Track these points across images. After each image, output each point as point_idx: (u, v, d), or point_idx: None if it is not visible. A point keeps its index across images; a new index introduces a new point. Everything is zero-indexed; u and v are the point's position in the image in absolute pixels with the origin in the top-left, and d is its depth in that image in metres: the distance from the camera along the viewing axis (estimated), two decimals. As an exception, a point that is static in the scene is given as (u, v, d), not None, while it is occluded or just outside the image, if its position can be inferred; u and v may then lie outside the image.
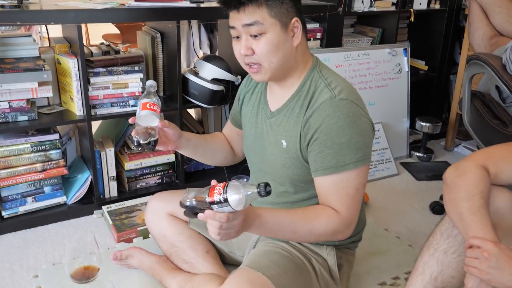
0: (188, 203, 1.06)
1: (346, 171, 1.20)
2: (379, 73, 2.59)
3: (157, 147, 1.30)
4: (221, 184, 1.01)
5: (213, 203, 1.00)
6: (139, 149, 1.25)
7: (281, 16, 1.19)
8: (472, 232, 1.07)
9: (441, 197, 2.23)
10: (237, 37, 1.24)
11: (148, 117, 1.24)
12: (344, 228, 1.22)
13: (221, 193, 0.99)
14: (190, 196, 1.06)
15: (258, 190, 0.97)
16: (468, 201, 1.10)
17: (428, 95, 3.00)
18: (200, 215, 1.05)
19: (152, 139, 1.24)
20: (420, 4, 2.70)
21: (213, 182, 1.05)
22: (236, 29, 1.22)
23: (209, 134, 1.58)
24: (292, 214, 1.21)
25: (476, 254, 1.04)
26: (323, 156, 1.21)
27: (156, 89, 1.29)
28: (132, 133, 1.24)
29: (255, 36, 1.19)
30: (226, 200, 0.98)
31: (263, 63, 1.22)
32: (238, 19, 1.20)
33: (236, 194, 0.98)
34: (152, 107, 1.24)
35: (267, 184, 0.98)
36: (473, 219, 1.08)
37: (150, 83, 1.29)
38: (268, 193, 0.97)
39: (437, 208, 2.16)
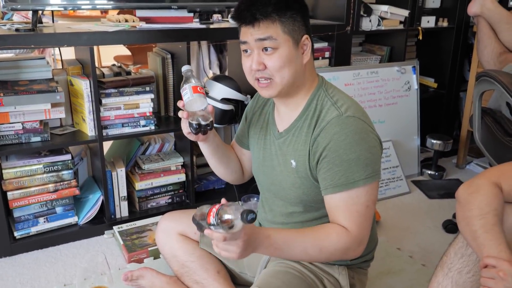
0: (196, 220, 1.13)
1: (355, 188, 1.19)
2: (388, 91, 2.59)
3: (187, 134, 1.32)
4: (217, 206, 1.07)
5: (210, 224, 1.07)
6: (196, 132, 1.28)
7: (293, 33, 1.22)
8: (487, 251, 1.05)
9: (454, 215, 2.20)
10: (247, 51, 1.25)
11: (201, 100, 1.27)
12: (356, 246, 1.21)
13: (214, 216, 1.05)
14: (198, 213, 1.13)
15: (240, 217, 1.01)
16: (481, 219, 1.09)
17: (438, 113, 2.99)
18: (205, 232, 1.10)
19: (211, 119, 1.28)
20: (428, 22, 2.72)
21: (223, 200, 1.07)
22: (248, 44, 1.23)
23: (227, 144, 1.58)
24: (301, 234, 1.20)
25: (492, 274, 1.02)
26: (332, 173, 1.20)
27: (193, 72, 1.32)
28: (185, 117, 1.27)
29: (266, 50, 1.21)
30: (218, 224, 1.04)
31: (275, 78, 1.23)
32: (251, 33, 1.21)
33: (225, 217, 1.04)
34: (202, 90, 1.28)
35: (249, 212, 1.01)
36: (487, 237, 1.07)
37: (187, 67, 1.32)
38: (250, 221, 1.01)
39: (450, 226, 2.13)
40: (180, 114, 1.29)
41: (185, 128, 1.31)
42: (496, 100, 1.91)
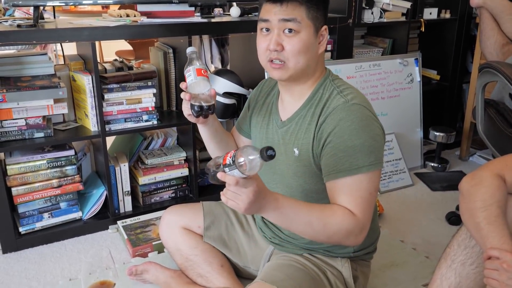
0: (210, 169, 1.10)
1: (359, 174, 1.19)
2: (390, 83, 2.59)
3: (188, 116, 1.33)
4: (234, 149, 1.04)
5: (225, 165, 1.04)
6: (197, 115, 1.28)
7: (316, 20, 1.23)
8: (490, 242, 1.06)
9: (457, 208, 2.20)
10: (265, 30, 1.25)
11: (205, 83, 1.27)
12: (358, 231, 1.20)
13: (231, 156, 1.02)
14: (212, 163, 1.11)
15: (260, 155, 0.99)
16: (484, 210, 1.09)
17: (441, 105, 2.98)
18: (217, 174, 1.06)
19: (212, 102, 1.28)
20: (430, 14, 2.70)
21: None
22: (270, 22, 1.22)
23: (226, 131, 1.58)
24: (308, 206, 1.19)
25: (495, 266, 1.02)
26: (336, 159, 1.20)
27: (197, 54, 1.31)
28: (187, 99, 1.27)
29: (289, 31, 1.21)
30: (233, 163, 1.01)
31: (289, 62, 1.23)
32: (275, 13, 1.21)
33: (241, 157, 1.01)
34: (206, 73, 1.28)
35: (268, 148, 0.98)
36: (490, 229, 1.07)
37: (192, 49, 1.31)
38: (270, 157, 0.98)
39: (454, 218, 2.13)
40: (182, 95, 1.29)
41: (186, 110, 1.32)
42: (499, 91, 1.90)
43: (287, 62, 1.23)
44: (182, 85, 1.30)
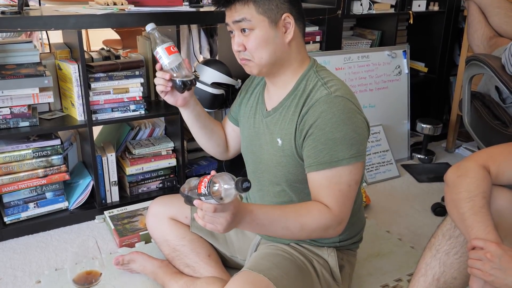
0: (185, 193, 1.12)
1: (339, 167, 1.20)
2: (379, 75, 2.60)
3: (166, 97, 1.35)
4: (208, 177, 1.05)
5: (200, 194, 1.05)
6: (182, 90, 1.30)
7: (270, 12, 1.23)
8: (474, 233, 1.07)
9: (442, 199, 2.23)
10: (231, 32, 1.29)
11: (177, 57, 1.29)
12: (336, 225, 1.22)
13: (206, 186, 1.03)
14: (186, 186, 1.12)
15: (235, 186, 1.00)
16: (469, 201, 1.11)
17: (428, 97, 3.00)
18: (194, 202, 1.08)
19: (191, 75, 1.30)
20: (419, 6, 2.71)
21: (213, 172, 1.07)
22: (230, 26, 1.28)
23: (213, 119, 1.58)
24: (282, 210, 1.21)
25: (479, 256, 1.03)
26: (317, 151, 1.21)
27: (157, 29, 1.31)
28: (168, 78, 1.29)
29: (244, 31, 1.24)
30: (209, 193, 1.02)
31: (254, 59, 1.26)
32: (228, 16, 1.26)
33: (216, 186, 1.02)
34: (174, 48, 1.29)
35: (244, 180, 1.00)
36: (475, 219, 1.08)
37: (151, 26, 1.30)
38: (245, 189, 1.00)
39: (439, 209, 2.16)
40: (160, 75, 1.30)
41: (161, 86, 1.31)
42: (485, 84, 1.92)
43: (252, 59, 1.26)
44: (157, 66, 1.31)
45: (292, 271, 1.29)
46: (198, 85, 2.09)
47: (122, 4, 2.03)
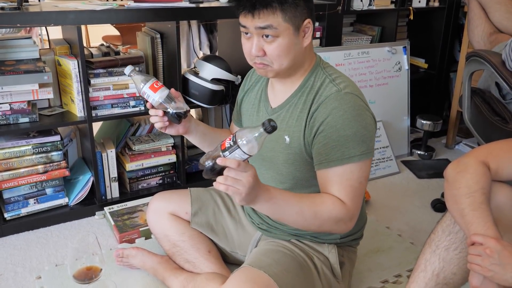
0: (205, 162, 1.09)
1: (350, 163, 1.20)
2: (379, 71, 2.59)
3: (167, 131, 1.33)
4: (229, 136, 1.06)
5: (224, 150, 1.04)
6: (179, 121, 1.29)
7: (295, 19, 1.20)
8: (474, 228, 1.07)
9: (442, 195, 2.23)
10: (247, 33, 1.23)
11: (164, 92, 1.27)
12: (348, 219, 1.22)
13: (231, 139, 1.03)
14: (206, 157, 1.10)
15: (264, 128, 1.00)
16: (469, 197, 1.11)
17: (428, 93, 3.00)
18: (217, 160, 1.04)
19: (183, 106, 1.28)
20: (419, 2, 2.70)
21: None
22: (248, 29, 1.21)
23: (218, 128, 1.57)
24: (299, 196, 1.21)
25: (479, 251, 1.04)
26: (328, 148, 1.21)
27: (135, 70, 1.31)
28: (160, 115, 1.27)
29: (267, 36, 1.19)
30: (235, 143, 1.02)
31: (273, 65, 1.23)
32: (251, 21, 1.19)
33: (243, 136, 1.03)
34: (158, 84, 1.27)
35: (270, 120, 1.00)
36: (474, 215, 1.08)
37: (129, 68, 1.29)
38: (273, 127, 1.00)
39: (439, 205, 2.16)
40: (153, 113, 1.28)
41: (158, 124, 1.30)
42: (486, 80, 1.92)
43: (271, 65, 1.23)
44: (148, 105, 1.29)
45: (292, 268, 1.29)
46: (198, 81, 2.09)
47: (121, 0, 2.02)
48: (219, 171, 1.06)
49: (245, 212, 1.56)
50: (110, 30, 4.05)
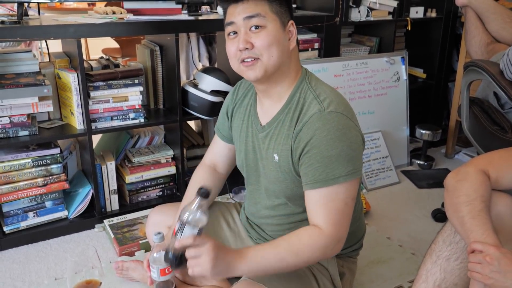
0: (169, 257, 1.14)
1: (336, 184, 1.18)
2: (377, 81, 2.60)
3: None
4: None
5: (176, 234, 1.11)
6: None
7: (280, 14, 1.23)
8: (474, 236, 1.07)
9: (442, 205, 2.22)
10: (233, 34, 1.23)
11: (168, 283, 1.37)
12: (334, 244, 1.19)
13: (177, 221, 1.11)
14: (166, 252, 1.16)
15: (199, 195, 1.08)
16: (468, 205, 1.10)
17: (427, 103, 3.01)
18: (175, 244, 1.12)
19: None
20: (417, 12, 2.72)
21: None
22: (235, 24, 1.21)
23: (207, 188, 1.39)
24: (274, 243, 1.20)
25: (479, 259, 1.03)
26: (313, 169, 1.19)
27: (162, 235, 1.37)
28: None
29: (256, 28, 1.19)
30: (181, 222, 1.09)
31: (263, 57, 1.20)
32: (239, 12, 1.20)
33: (185, 212, 1.11)
34: (169, 271, 1.32)
35: (200, 188, 1.11)
36: (474, 223, 1.08)
37: (159, 236, 1.35)
38: (204, 193, 1.09)
39: (439, 215, 2.15)
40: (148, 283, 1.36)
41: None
42: (484, 89, 1.92)
43: (260, 58, 1.20)
44: (149, 282, 1.37)
45: (292, 280, 1.28)
46: (197, 92, 2.10)
47: (121, 13, 2.04)
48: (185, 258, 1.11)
49: (243, 226, 1.55)
50: (109, 42, 4.07)
